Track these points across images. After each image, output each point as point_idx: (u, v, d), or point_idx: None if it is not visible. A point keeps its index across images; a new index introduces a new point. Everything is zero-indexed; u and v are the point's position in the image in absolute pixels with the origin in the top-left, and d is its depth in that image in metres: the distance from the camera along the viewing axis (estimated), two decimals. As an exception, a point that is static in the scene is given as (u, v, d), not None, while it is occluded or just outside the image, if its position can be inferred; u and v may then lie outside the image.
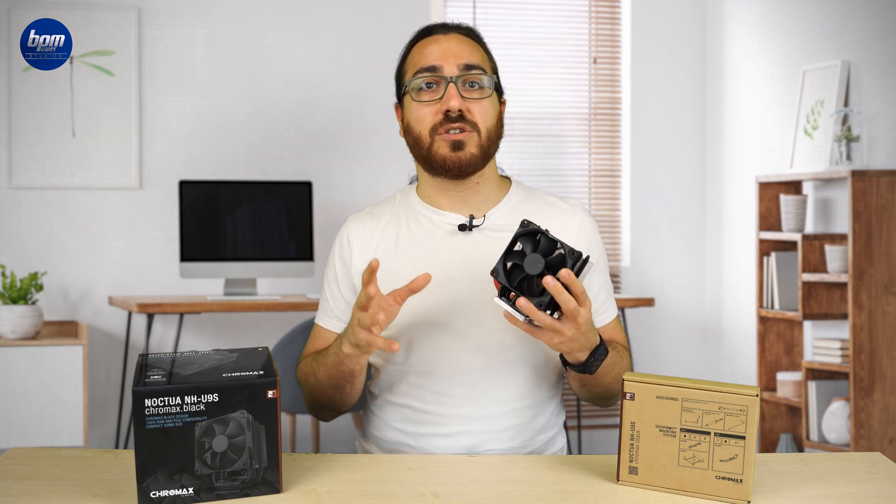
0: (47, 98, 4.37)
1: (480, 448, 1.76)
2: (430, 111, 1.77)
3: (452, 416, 1.76)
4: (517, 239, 1.54)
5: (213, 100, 4.55)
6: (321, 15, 4.66)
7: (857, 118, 4.02)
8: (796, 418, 4.40)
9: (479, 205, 1.83)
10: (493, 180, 1.85)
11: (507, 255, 1.54)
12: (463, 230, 1.80)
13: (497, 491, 1.48)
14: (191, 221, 4.24)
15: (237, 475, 1.39)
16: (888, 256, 3.82)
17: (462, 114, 1.76)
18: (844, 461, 1.63)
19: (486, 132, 1.78)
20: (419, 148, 1.80)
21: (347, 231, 1.86)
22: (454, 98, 1.75)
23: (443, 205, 1.83)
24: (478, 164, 1.78)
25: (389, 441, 1.81)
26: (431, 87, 1.78)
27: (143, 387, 1.36)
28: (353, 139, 4.67)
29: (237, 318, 4.55)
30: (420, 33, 1.86)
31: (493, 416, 1.76)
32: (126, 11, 4.44)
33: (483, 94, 1.79)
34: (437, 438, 1.77)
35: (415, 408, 1.78)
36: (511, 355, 1.77)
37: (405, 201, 1.87)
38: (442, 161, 1.77)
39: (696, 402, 1.44)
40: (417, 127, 1.79)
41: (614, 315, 1.87)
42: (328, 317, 1.86)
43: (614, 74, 5.07)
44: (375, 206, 1.90)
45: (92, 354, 4.37)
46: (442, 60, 1.79)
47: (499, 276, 1.53)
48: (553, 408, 1.84)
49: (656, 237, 5.07)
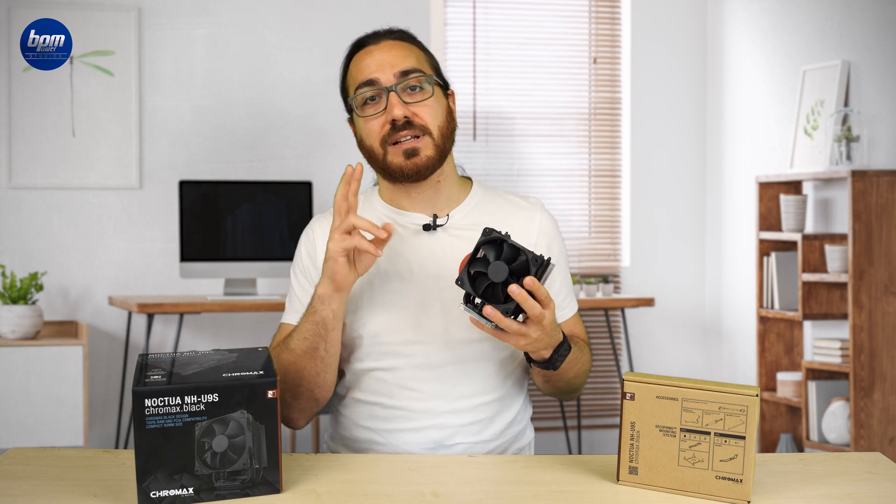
0: (47, 98, 4.37)
1: (449, 441, 1.77)
2: (377, 124, 1.79)
3: (420, 411, 1.77)
4: (480, 247, 1.56)
5: (213, 100, 4.55)
6: (321, 15, 4.66)
7: (857, 118, 4.02)
8: (796, 418, 4.40)
9: (442, 204, 1.84)
10: (452, 178, 1.86)
11: (470, 263, 1.56)
12: (427, 230, 1.82)
13: (497, 491, 1.48)
14: (191, 221, 4.24)
15: (237, 475, 1.39)
16: (888, 256, 3.82)
17: (409, 120, 1.77)
18: (844, 461, 1.63)
19: (437, 131, 1.79)
20: (374, 160, 1.83)
21: (313, 230, 1.87)
22: (396, 107, 1.76)
23: (405, 206, 1.85)
24: (435, 165, 1.79)
25: (358, 440, 1.81)
26: (374, 100, 1.79)
27: (143, 387, 1.36)
28: (352, 139, 4.65)
29: (237, 318, 4.55)
30: (353, 47, 1.86)
31: (462, 410, 1.77)
32: (126, 11, 4.44)
33: (425, 95, 1.79)
34: (406, 433, 1.77)
35: (382, 404, 1.79)
36: (478, 350, 1.79)
37: (367, 203, 1.89)
38: (399, 169, 1.78)
39: (696, 402, 1.44)
40: (368, 140, 1.82)
41: (574, 311, 1.91)
42: (296, 313, 1.82)
43: (614, 74, 5.07)
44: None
45: (92, 354, 4.37)
46: (378, 72, 1.79)
47: (464, 284, 1.55)
48: (521, 402, 1.86)
49: (656, 237, 5.07)
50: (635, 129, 5.03)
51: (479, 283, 1.55)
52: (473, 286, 1.55)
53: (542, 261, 1.54)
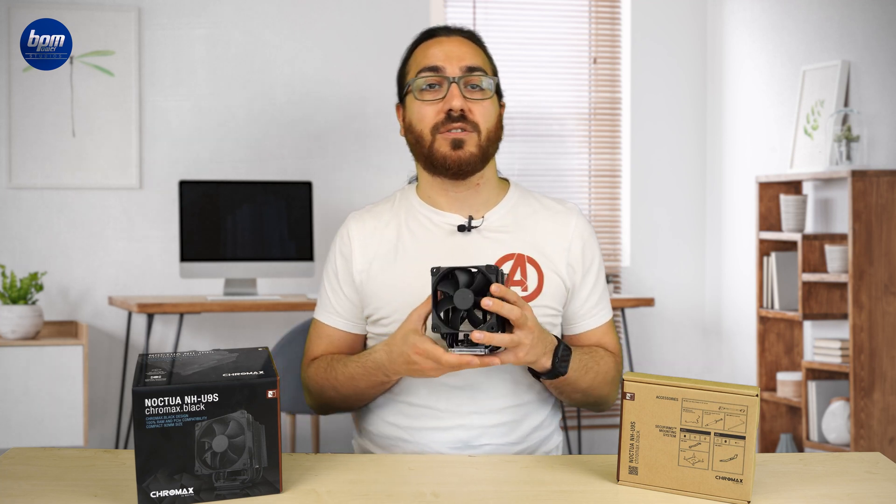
0: (47, 98, 4.37)
1: (476, 443, 1.77)
2: (433, 110, 1.80)
3: (448, 411, 1.77)
4: (436, 289, 1.58)
5: (213, 100, 4.55)
6: (321, 15, 4.66)
7: (857, 118, 4.02)
8: (796, 418, 4.40)
9: (479, 206, 1.85)
10: (492, 182, 1.88)
11: (437, 307, 1.57)
12: (462, 231, 1.82)
13: (497, 491, 1.48)
14: (191, 221, 4.24)
15: (237, 475, 1.39)
16: (888, 256, 3.82)
17: (463, 114, 1.79)
18: (844, 461, 1.63)
19: (486, 133, 1.81)
20: (420, 146, 1.82)
21: (348, 229, 1.88)
22: (456, 98, 1.78)
23: (442, 205, 1.85)
24: (477, 164, 1.80)
25: (385, 436, 1.82)
26: (434, 87, 1.81)
27: (143, 387, 1.36)
28: (353, 139, 4.67)
29: (237, 318, 4.55)
30: (423, 35, 1.89)
31: (489, 412, 1.77)
32: (126, 11, 4.44)
33: (484, 95, 1.82)
34: (433, 432, 1.77)
35: (411, 402, 1.79)
36: None
37: (405, 201, 1.89)
38: (442, 159, 1.79)
39: (696, 402, 1.44)
40: (419, 126, 1.81)
41: (607, 319, 1.89)
42: (329, 313, 1.87)
43: (614, 74, 5.07)
44: (375, 205, 1.91)
45: (92, 354, 4.37)
46: (445, 62, 1.81)
47: (441, 329, 1.57)
48: (549, 406, 1.86)
49: (656, 237, 5.07)
50: (635, 129, 5.03)
51: (453, 320, 1.57)
52: (451, 325, 1.57)
53: (496, 269, 1.56)
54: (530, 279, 1.80)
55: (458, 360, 1.56)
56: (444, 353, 1.57)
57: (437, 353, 1.57)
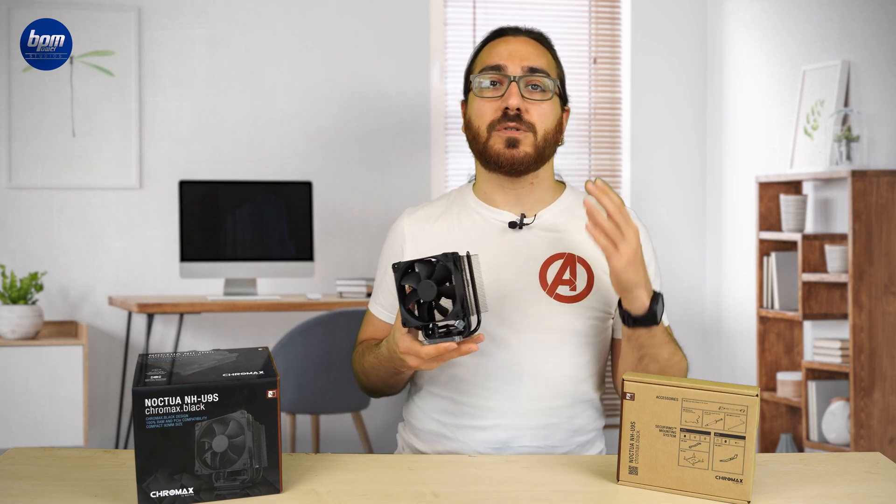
0: (47, 98, 4.37)
1: (514, 443, 1.77)
2: (491, 107, 1.82)
3: (489, 409, 1.77)
4: (400, 286, 1.56)
5: (213, 100, 4.55)
6: (321, 15, 4.66)
7: (857, 118, 4.02)
8: (796, 418, 4.40)
9: (533, 204, 1.86)
10: (547, 183, 1.89)
11: (403, 303, 1.56)
12: (513, 227, 1.84)
13: (497, 491, 1.48)
14: (191, 221, 4.24)
15: (237, 475, 1.39)
16: (888, 256, 3.82)
17: (520, 113, 1.80)
18: (844, 461, 1.63)
19: (542, 134, 1.82)
20: (477, 142, 1.84)
21: (402, 224, 1.92)
22: (514, 96, 1.80)
23: (497, 202, 1.87)
24: (531, 164, 1.82)
25: (428, 431, 1.83)
26: (495, 86, 1.83)
27: (143, 387, 1.36)
28: (353, 139, 4.67)
29: (237, 318, 4.55)
30: (492, 34, 1.91)
31: (530, 413, 1.77)
32: (126, 11, 4.44)
33: (544, 96, 1.83)
34: (473, 431, 1.78)
35: (454, 399, 1.80)
36: (551, 352, 1.78)
37: (460, 198, 1.92)
38: (496, 156, 1.81)
39: (696, 402, 1.44)
40: (477, 122, 1.84)
41: (666, 323, 1.83)
42: (375, 303, 1.93)
43: (614, 74, 5.07)
44: (431, 202, 1.95)
45: (92, 354, 4.37)
46: (507, 60, 1.83)
47: (409, 323, 1.56)
48: (592, 410, 1.84)
49: (656, 237, 5.04)
50: (635, 129, 5.03)
51: (422, 312, 1.56)
52: (422, 318, 1.56)
53: (455, 255, 1.54)
54: (580, 279, 1.80)
55: (435, 350, 1.55)
56: (420, 347, 1.56)
57: (415, 347, 1.57)
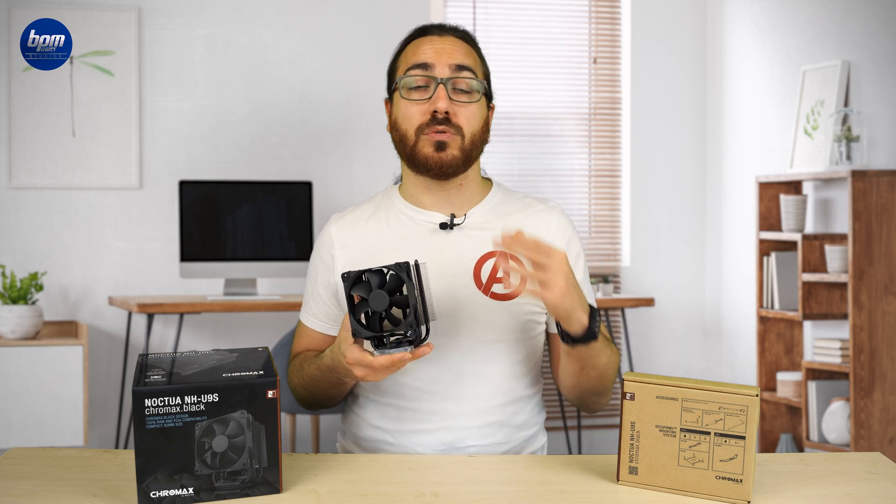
0: (47, 98, 4.37)
1: (460, 444, 1.76)
2: (419, 110, 1.79)
3: (432, 412, 1.77)
4: (350, 295, 1.54)
5: (213, 100, 4.55)
6: (321, 15, 4.66)
7: (857, 118, 4.02)
8: (796, 418, 4.40)
9: (462, 204, 1.85)
10: (476, 182, 1.88)
11: (353, 313, 1.54)
12: (444, 228, 1.82)
13: (497, 491, 1.48)
14: (191, 221, 4.24)
15: (237, 475, 1.39)
16: (888, 256, 3.82)
17: (448, 116, 1.78)
18: (844, 461, 1.63)
19: (469, 136, 1.81)
20: (404, 145, 1.82)
21: (329, 231, 1.88)
22: (442, 100, 1.78)
23: (425, 203, 1.85)
24: (459, 167, 1.81)
25: (369, 439, 1.82)
26: (422, 88, 1.80)
27: (143, 387, 1.36)
28: (353, 139, 4.67)
29: (237, 318, 4.55)
30: (416, 32, 1.88)
31: (473, 412, 1.77)
32: (126, 11, 4.44)
33: (471, 98, 1.81)
34: (417, 435, 1.77)
35: (396, 405, 1.79)
36: (491, 351, 1.78)
37: (387, 200, 1.89)
38: (424, 160, 1.79)
39: (696, 402, 1.44)
40: (404, 125, 1.81)
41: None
42: (307, 314, 1.90)
43: (614, 74, 5.07)
44: (357, 206, 1.92)
45: (92, 354, 4.37)
46: (434, 59, 1.80)
47: (361, 334, 1.54)
48: (533, 405, 1.85)
49: (656, 237, 5.07)
50: (635, 129, 5.03)
51: (372, 322, 1.54)
52: (372, 328, 1.54)
53: (407, 265, 1.52)
54: (513, 275, 1.79)
55: (388, 360, 1.53)
56: (373, 358, 1.54)
57: (366, 359, 1.55)
